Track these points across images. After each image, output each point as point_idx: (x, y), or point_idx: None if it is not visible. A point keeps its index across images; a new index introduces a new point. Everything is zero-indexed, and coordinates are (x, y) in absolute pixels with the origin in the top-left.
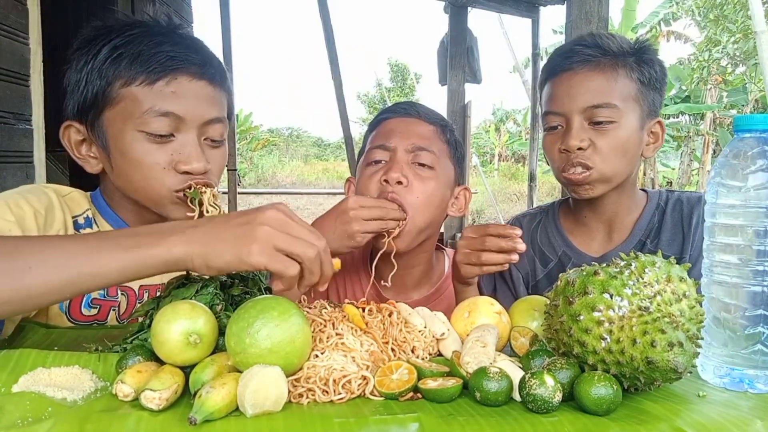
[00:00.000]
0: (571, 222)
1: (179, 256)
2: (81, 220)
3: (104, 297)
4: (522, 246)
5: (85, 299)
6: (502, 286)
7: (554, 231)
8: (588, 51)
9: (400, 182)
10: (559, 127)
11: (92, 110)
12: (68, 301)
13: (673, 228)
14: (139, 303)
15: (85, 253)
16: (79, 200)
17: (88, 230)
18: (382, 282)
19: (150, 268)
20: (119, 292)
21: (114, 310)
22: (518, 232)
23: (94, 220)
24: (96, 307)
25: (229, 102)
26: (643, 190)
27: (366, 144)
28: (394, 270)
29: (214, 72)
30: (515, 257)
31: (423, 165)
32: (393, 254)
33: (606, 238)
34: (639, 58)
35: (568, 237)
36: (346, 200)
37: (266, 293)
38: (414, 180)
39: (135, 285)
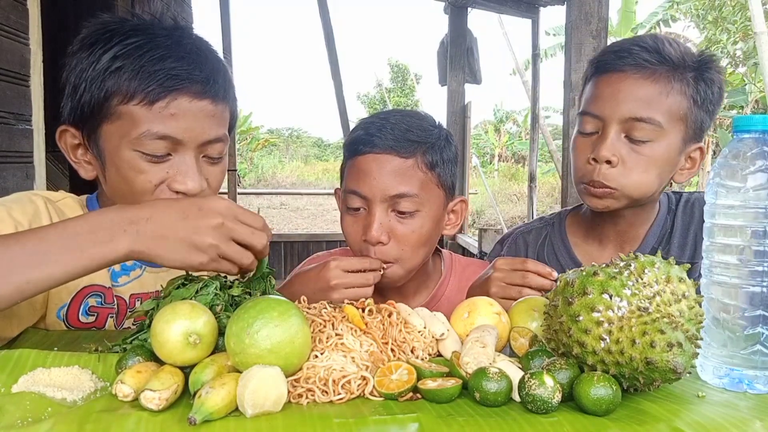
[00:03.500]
0: (580, 234)
1: (125, 254)
2: None
3: (101, 305)
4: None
5: (82, 307)
6: None
7: (561, 248)
8: (645, 55)
9: (381, 242)
10: (593, 133)
11: (90, 121)
12: (66, 310)
13: (683, 232)
14: (130, 311)
15: (31, 259)
16: (72, 206)
17: None
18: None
19: (97, 268)
20: (115, 300)
21: (112, 317)
22: (556, 274)
23: None
24: (93, 315)
25: (232, 110)
26: None
27: (344, 169)
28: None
29: (218, 88)
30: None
31: (403, 212)
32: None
33: (618, 249)
34: (699, 74)
35: (576, 255)
36: (328, 266)
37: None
38: (396, 231)
39: (125, 294)
